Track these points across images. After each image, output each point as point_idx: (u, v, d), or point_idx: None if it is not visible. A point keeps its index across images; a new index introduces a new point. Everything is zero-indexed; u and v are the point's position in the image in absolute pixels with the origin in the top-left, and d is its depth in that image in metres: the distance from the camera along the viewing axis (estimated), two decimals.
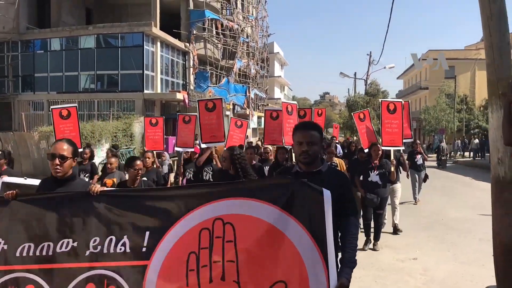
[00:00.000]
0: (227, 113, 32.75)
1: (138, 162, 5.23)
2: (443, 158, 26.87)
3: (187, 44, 28.60)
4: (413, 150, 12.98)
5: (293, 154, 10.92)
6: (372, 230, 7.97)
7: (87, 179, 8.18)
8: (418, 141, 13.77)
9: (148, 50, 24.61)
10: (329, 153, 8.36)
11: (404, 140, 8.56)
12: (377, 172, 7.68)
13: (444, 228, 9.37)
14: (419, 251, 7.63)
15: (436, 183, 16.60)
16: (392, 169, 7.81)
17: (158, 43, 25.39)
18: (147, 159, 7.77)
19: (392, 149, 8.37)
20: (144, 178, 7.53)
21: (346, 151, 14.13)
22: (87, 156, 8.91)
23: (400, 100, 8.90)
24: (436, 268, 6.70)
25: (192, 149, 9.40)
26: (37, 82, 26.28)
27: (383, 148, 8.10)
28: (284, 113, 8.49)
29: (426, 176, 12.71)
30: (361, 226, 8.07)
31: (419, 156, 12.67)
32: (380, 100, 9.45)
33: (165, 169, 11.29)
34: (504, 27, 4.26)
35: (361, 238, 6.34)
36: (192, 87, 28.89)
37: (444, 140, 36.67)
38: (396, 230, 8.96)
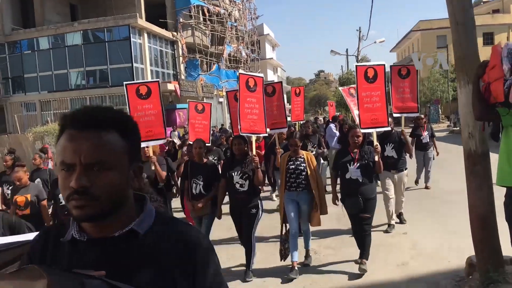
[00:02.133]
0: (220, 99, 32.72)
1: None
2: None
3: (175, 33, 28.46)
4: (417, 125, 11.17)
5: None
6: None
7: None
8: (422, 115, 11.65)
9: (135, 42, 24.52)
10: (291, 146, 6.10)
11: (407, 114, 7.76)
12: (357, 164, 5.76)
13: (436, 201, 9.47)
14: (409, 225, 7.75)
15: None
16: (376, 158, 5.85)
17: (145, 35, 25.28)
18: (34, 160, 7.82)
19: (403, 116, 7.62)
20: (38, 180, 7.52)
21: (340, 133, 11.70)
22: (8, 164, 7.41)
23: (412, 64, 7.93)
24: (425, 241, 6.81)
25: (209, 144, 8.11)
26: (27, 83, 26.24)
27: (395, 115, 7.62)
28: (241, 89, 6.39)
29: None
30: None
31: (425, 133, 10.89)
32: (389, 65, 7.97)
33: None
34: (468, 3, 4.29)
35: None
36: (183, 77, 28.84)
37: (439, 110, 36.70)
38: (401, 220, 7.99)
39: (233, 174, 5.84)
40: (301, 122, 11.25)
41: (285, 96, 10.77)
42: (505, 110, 3.56)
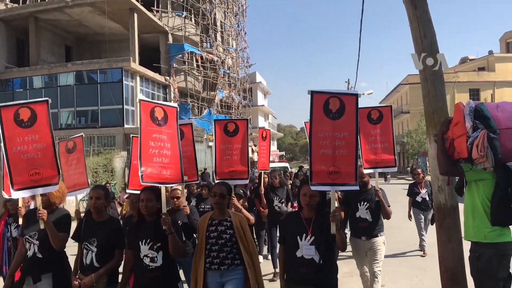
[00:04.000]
0: (210, 144, 32.87)
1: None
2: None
3: (167, 77, 28.92)
4: (414, 182, 10.09)
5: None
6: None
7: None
8: (419, 169, 10.35)
9: (127, 85, 24.85)
10: (214, 202, 4.46)
11: (381, 169, 6.15)
12: (311, 238, 3.96)
13: (418, 253, 9.45)
14: (388, 278, 7.69)
15: None
16: (334, 229, 3.89)
17: (138, 78, 25.67)
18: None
19: (377, 171, 6.09)
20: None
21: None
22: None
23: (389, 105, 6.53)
24: None
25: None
26: None
27: (366, 171, 5.97)
28: (143, 121, 4.42)
29: (433, 217, 9.12)
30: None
31: (423, 191, 9.65)
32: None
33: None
34: (436, 60, 4.48)
35: None
36: None
37: (427, 163, 37.06)
38: None
39: (139, 242, 4.01)
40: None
41: (275, 142, 10.27)
42: (469, 165, 3.66)
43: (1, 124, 4.39)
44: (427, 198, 9.52)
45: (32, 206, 6.49)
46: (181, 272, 5.32)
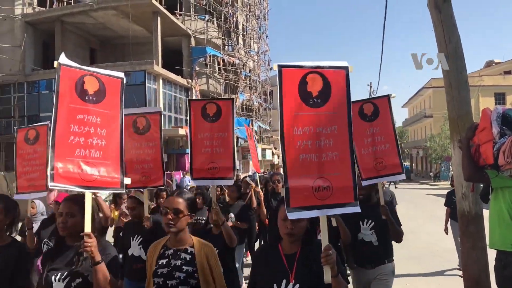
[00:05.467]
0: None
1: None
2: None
3: (189, 80, 29.15)
4: (453, 190, 7.89)
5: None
6: None
7: None
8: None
9: (150, 87, 25.11)
10: (166, 223, 3.00)
11: (386, 178, 4.70)
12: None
13: (438, 260, 9.31)
14: (409, 284, 7.60)
15: (438, 212, 16.45)
16: (328, 277, 2.52)
17: (160, 81, 25.92)
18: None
19: (380, 181, 4.59)
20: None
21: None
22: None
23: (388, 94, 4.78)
24: None
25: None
26: (43, 121, 26.74)
27: (365, 183, 4.48)
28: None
29: None
30: None
31: None
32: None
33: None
34: (461, 65, 4.42)
35: None
36: None
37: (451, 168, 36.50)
38: None
39: (52, 277, 2.80)
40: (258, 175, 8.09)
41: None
42: (494, 172, 3.59)
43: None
44: None
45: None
46: None
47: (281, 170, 3.15)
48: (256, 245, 8.06)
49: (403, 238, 4.39)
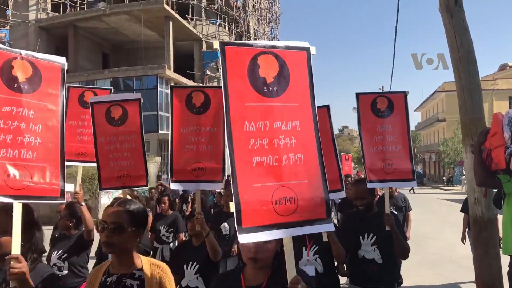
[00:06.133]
0: None
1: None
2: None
3: (201, 84, 29.30)
4: None
5: None
6: None
7: None
8: None
9: (162, 91, 25.27)
10: (104, 245, 2.32)
11: (394, 184, 4.43)
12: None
13: (452, 266, 9.20)
14: None
15: (451, 218, 16.28)
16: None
17: (172, 85, 26.09)
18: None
19: (387, 186, 4.14)
20: None
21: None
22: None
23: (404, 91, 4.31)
24: None
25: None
26: None
27: (371, 185, 3.97)
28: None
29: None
30: None
31: None
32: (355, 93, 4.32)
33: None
34: (473, 69, 4.37)
35: None
36: None
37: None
38: None
39: None
40: None
41: None
42: (507, 177, 3.54)
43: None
44: None
45: None
46: None
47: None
48: None
49: (411, 246, 3.91)
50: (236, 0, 32.39)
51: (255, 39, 37.82)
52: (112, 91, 4.90)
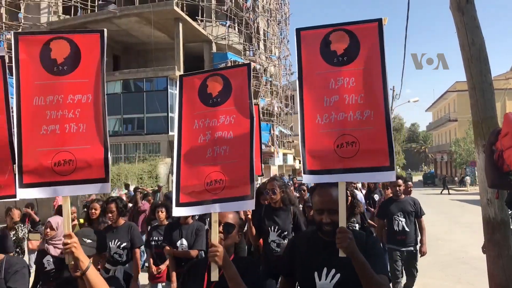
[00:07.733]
0: None
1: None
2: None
3: None
4: None
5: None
6: None
7: None
8: None
9: (172, 93, 25.36)
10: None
11: (356, 177, 2.59)
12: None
13: (464, 267, 9.10)
14: None
15: (462, 219, 16.17)
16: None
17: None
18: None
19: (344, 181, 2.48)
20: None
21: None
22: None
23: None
24: None
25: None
26: None
27: (306, 178, 2.52)
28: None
29: None
30: None
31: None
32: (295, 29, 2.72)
33: None
34: (485, 68, 4.30)
35: None
36: None
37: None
38: None
39: None
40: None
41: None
42: None
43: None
44: None
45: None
46: None
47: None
48: None
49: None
50: (246, 1, 32.39)
51: (264, 40, 37.84)
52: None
